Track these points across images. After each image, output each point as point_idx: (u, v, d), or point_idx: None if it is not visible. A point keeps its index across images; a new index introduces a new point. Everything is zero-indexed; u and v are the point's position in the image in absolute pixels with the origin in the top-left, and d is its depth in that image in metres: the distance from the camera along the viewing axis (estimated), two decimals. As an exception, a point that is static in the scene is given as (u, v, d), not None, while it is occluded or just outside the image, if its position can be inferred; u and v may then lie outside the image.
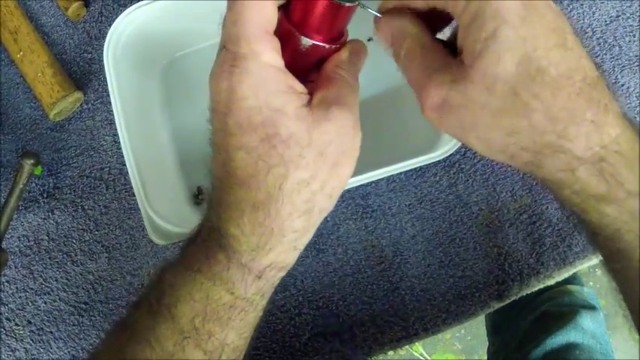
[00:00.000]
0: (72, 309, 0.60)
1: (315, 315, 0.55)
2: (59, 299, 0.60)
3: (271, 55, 0.30)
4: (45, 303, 0.60)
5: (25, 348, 0.60)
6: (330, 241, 0.56)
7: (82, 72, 0.63)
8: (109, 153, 0.61)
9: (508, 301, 0.53)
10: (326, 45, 0.32)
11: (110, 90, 0.52)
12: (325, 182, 0.31)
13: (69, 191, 0.61)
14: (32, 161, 0.56)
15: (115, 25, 0.52)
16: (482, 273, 0.53)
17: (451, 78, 0.29)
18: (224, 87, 0.30)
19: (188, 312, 0.32)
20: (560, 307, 0.78)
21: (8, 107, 0.65)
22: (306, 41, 0.31)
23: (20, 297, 0.61)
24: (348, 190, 0.55)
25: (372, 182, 0.55)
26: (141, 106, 0.55)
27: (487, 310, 0.53)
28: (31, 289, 0.61)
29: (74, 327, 0.59)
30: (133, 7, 0.52)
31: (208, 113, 0.32)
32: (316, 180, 0.31)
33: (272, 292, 0.35)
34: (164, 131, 0.58)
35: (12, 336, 0.60)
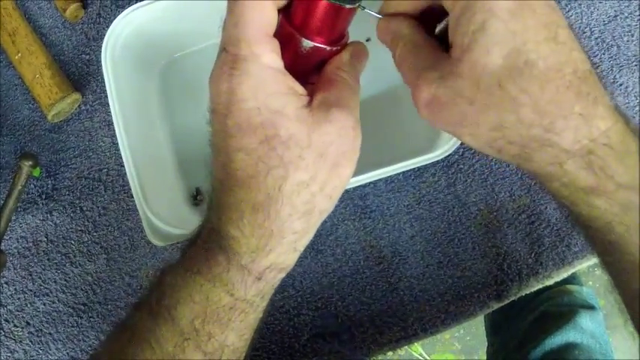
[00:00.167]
0: (71, 310, 0.60)
1: (314, 316, 0.55)
2: (58, 300, 0.60)
3: (271, 57, 0.30)
4: (44, 304, 0.60)
5: (24, 349, 0.60)
6: (329, 242, 0.56)
7: (81, 73, 0.63)
8: (108, 154, 0.61)
9: (507, 302, 0.53)
10: (327, 47, 0.32)
11: (108, 91, 0.52)
12: (325, 183, 0.31)
13: (67, 192, 0.61)
14: (30, 163, 0.56)
15: (113, 27, 0.52)
16: (481, 273, 0.53)
17: (440, 74, 0.29)
18: (224, 88, 0.30)
19: (188, 313, 0.32)
20: (559, 307, 0.78)
21: (6, 109, 0.64)
22: (307, 43, 0.31)
23: (19, 298, 0.61)
24: (347, 191, 0.55)
25: (371, 183, 0.55)
26: (139, 108, 0.55)
27: (486, 311, 0.53)
28: (30, 291, 0.61)
29: (73, 328, 0.59)
30: (131, 8, 0.52)
31: (208, 115, 0.32)
32: (316, 181, 0.31)
33: (272, 294, 0.35)
34: (162, 132, 0.58)
35: (11, 337, 0.60)
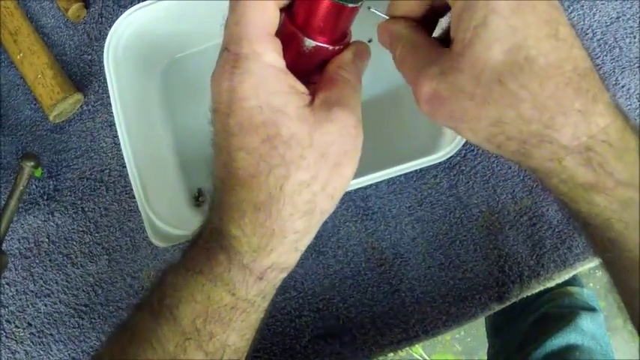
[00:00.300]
0: (72, 311, 0.60)
1: (315, 317, 0.55)
2: (59, 301, 0.60)
3: (273, 56, 0.30)
4: (45, 305, 0.60)
5: (26, 350, 0.60)
6: (331, 244, 0.56)
7: (82, 73, 0.63)
8: (109, 155, 0.61)
9: (508, 303, 0.53)
10: (329, 46, 0.32)
11: (110, 91, 0.52)
12: (326, 183, 0.31)
13: (69, 193, 0.61)
14: (32, 163, 0.56)
15: (115, 27, 0.52)
16: (482, 275, 0.53)
17: (441, 70, 0.29)
18: (225, 87, 0.30)
19: (189, 313, 0.32)
20: (560, 309, 0.78)
21: (8, 109, 0.64)
22: (309, 43, 0.31)
23: (20, 299, 0.61)
24: (348, 193, 0.55)
25: (373, 184, 0.55)
26: (141, 108, 0.55)
27: (487, 312, 0.53)
28: (32, 292, 0.61)
29: (74, 329, 0.59)
30: (133, 9, 0.52)
31: (209, 115, 0.32)
32: (317, 181, 0.31)
33: (273, 294, 0.35)
34: (164, 133, 0.58)
35: (12, 338, 0.60)
